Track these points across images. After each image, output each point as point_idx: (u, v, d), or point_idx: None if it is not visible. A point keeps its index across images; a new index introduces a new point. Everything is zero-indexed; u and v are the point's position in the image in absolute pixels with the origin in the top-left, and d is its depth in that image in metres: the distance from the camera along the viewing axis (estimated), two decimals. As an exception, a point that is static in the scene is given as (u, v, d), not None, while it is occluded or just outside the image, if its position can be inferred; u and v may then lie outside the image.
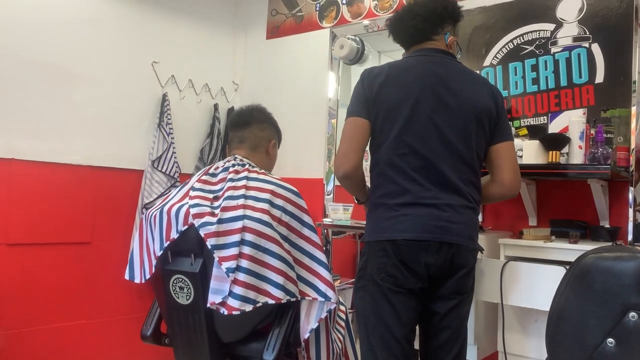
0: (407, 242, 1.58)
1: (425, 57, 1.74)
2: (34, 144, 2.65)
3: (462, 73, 1.75)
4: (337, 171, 1.70)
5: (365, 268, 1.67)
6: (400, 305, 1.61)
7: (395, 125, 1.64)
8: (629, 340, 0.93)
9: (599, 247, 1.06)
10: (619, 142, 2.18)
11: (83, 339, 2.82)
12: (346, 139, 1.69)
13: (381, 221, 1.64)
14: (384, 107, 1.66)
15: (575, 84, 2.35)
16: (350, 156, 1.65)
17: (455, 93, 1.67)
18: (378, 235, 1.63)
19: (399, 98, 1.65)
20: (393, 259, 1.59)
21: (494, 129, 1.72)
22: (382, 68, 1.74)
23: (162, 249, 1.78)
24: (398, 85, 1.67)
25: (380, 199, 1.66)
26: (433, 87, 1.66)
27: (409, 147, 1.62)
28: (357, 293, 1.70)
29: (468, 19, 2.68)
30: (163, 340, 1.99)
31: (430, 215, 1.59)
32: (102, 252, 2.90)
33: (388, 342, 1.61)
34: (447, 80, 1.68)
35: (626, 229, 2.17)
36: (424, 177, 1.61)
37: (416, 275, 1.59)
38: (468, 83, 1.72)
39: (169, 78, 3.21)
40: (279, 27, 3.51)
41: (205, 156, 3.38)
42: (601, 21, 2.31)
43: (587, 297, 0.99)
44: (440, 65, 1.71)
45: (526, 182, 2.31)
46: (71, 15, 2.79)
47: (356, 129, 1.68)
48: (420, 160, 1.62)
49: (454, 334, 1.66)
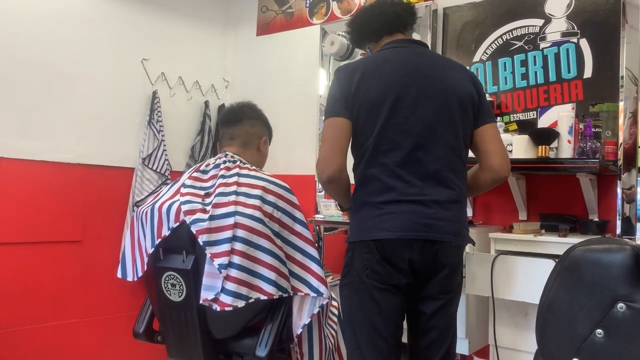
0: (390, 240, 1.56)
1: (400, 49, 1.71)
2: (24, 142, 2.63)
3: (440, 61, 1.75)
4: (320, 175, 1.64)
5: (350, 265, 1.65)
6: (386, 302, 1.59)
7: (377, 121, 1.59)
8: (617, 331, 0.94)
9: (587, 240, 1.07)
10: (607, 137, 2.20)
11: (75, 338, 2.81)
12: (327, 141, 1.63)
13: (366, 220, 1.61)
14: (365, 104, 1.61)
15: (564, 79, 2.37)
16: (332, 159, 1.60)
17: (436, 82, 1.63)
18: (362, 235, 1.60)
19: (379, 93, 1.60)
20: (377, 256, 1.57)
21: (477, 113, 1.69)
22: (358, 63, 1.70)
23: (153, 246, 1.77)
24: (377, 79, 1.62)
25: (365, 197, 1.62)
26: (413, 78, 1.62)
27: (393, 143, 1.58)
28: (343, 290, 1.68)
29: (458, 15, 2.69)
30: (155, 337, 1.99)
31: (415, 212, 1.56)
32: (93, 250, 2.88)
33: (375, 339, 1.59)
34: (427, 69, 1.65)
35: (615, 222, 2.19)
36: (409, 172, 1.57)
37: (400, 271, 1.57)
38: (447, 70, 1.69)
39: (159, 75, 3.20)
40: (269, 24, 3.51)
41: (196, 153, 3.37)
42: (589, 17, 2.32)
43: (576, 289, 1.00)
44: (418, 55, 1.69)
45: (516, 176, 2.32)
46: (61, 14, 2.77)
47: (337, 130, 1.62)
48: (404, 155, 1.58)
49: (442, 333, 1.65)
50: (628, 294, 0.94)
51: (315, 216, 2.92)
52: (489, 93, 2.54)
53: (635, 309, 0.93)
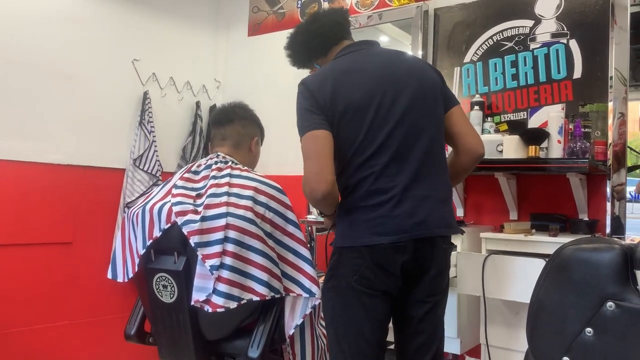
0: (384, 245, 1.53)
1: (356, 53, 1.68)
2: (14, 143, 2.61)
3: (397, 55, 1.72)
4: (313, 194, 1.53)
5: (336, 268, 1.60)
6: (374, 309, 1.56)
7: (362, 126, 1.56)
8: (606, 329, 0.95)
9: (577, 239, 1.08)
10: (597, 137, 2.22)
11: (66, 340, 2.79)
12: (313, 157, 1.53)
13: (355, 225, 1.56)
14: (346, 110, 1.56)
15: (554, 79, 2.38)
16: (324, 175, 1.51)
17: (406, 77, 1.62)
18: (353, 241, 1.56)
19: (358, 98, 1.57)
20: (368, 262, 1.53)
21: (444, 97, 1.69)
22: (323, 74, 1.64)
23: (144, 247, 1.77)
24: (351, 85, 1.58)
25: (354, 201, 1.57)
26: (383, 79, 1.60)
27: (379, 145, 1.55)
28: (327, 293, 1.63)
29: (449, 16, 2.70)
30: (147, 339, 1.98)
31: (406, 213, 1.53)
32: (84, 252, 2.87)
33: (360, 345, 1.57)
34: (392, 68, 1.64)
35: (604, 221, 2.20)
36: (397, 172, 1.55)
37: (391, 276, 1.55)
38: (407, 62, 1.69)
39: (150, 76, 3.19)
40: (261, 24, 3.50)
41: (188, 154, 3.36)
42: (579, 17, 2.34)
43: (566, 288, 1.01)
44: (376, 56, 1.67)
45: (506, 176, 2.34)
46: (51, 15, 2.76)
47: (321, 143, 1.54)
48: (391, 156, 1.55)
49: (430, 337, 1.64)
50: (617, 293, 0.95)
51: (307, 217, 2.92)
52: (480, 94, 2.55)
53: (625, 307, 0.94)
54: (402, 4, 2.86)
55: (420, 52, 2.73)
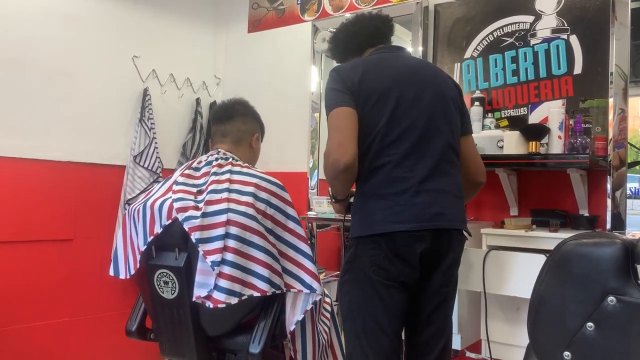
0: (403, 233, 1.54)
1: (390, 54, 1.77)
2: (14, 140, 2.61)
3: (428, 65, 1.83)
4: (335, 164, 1.53)
5: (353, 260, 1.62)
6: (392, 299, 1.58)
7: (384, 113, 1.60)
8: (607, 324, 0.95)
9: (578, 234, 1.08)
10: (597, 132, 2.22)
11: (67, 337, 2.80)
12: (338, 129, 1.57)
13: (373, 213, 1.58)
14: (371, 95, 1.61)
15: (554, 75, 2.38)
16: (348, 145, 1.53)
17: (431, 79, 1.70)
18: (370, 229, 1.57)
19: (385, 86, 1.63)
20: (385, 251, 1.55)
21: (462, 118, 1.77)
22: (355, 64, 1.71)
23: (146, 243, 1.77)
24: (379, 75, 1.65)
25: (372, 189, 1.60)
26: (410, 76, 1.67)
27: (399, 134, 1.59)
28: (344, 286, 1.65)
29: (449, 12, 2.70)
30: (148, 335, 1.98)
31: (425, 203, 1.57)
32: (85, 249, 2.87)
33: (378, 337, 1.58)
34: (419, 68, 1.72)
35: (604, 217, 2.21)
36: (415, 164, 1.59)
37: (410, 266, 1.57)
38: (436, 73, 1.76)
39: (150, 72, 3.18)
40: (261, 21, 3.50)
41: (188, 151, 3.36)
42: (579, 13, 2.34)
43: (567, 282, 1.01)
44: (406, 59, 1.77)
45: (507, 172, 2.34)
46: (51, 11, 2.75)
47: (346, 118, 1.58)
48: (410, 147, 1.59)
49: (440, 329, 1.67)
50: (618, 287, 0.95)
51: (307, 213, 2.92)
52: (480, 89, 2.55)
53: (625, 302, 0.94)
54: (402, 0, 2.86)
55: (421, 48, 2.73)
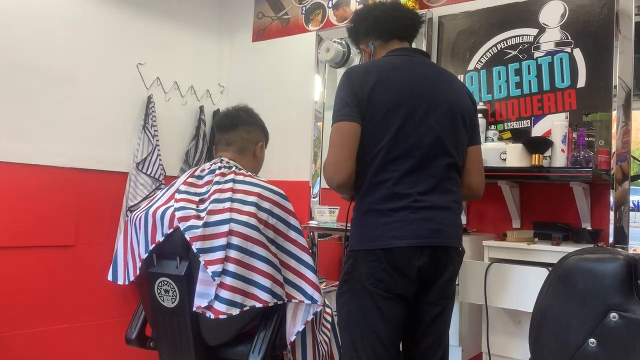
0: (401, 249, 1.55)
1: (408, 58, 1.72)
2: (17, 145, 2.61)
3: (444, 74, 1.77)
4: (329, 180, 1.60)
5: (351, 272, 1.61)
6: (390, 311, 1.58)
7: (390, 128, 1.58)
8: (610, 340, 0.95)
9: (581, 249, 1.08)
10: (600, 146, 2.21)
11: (67, 343, 2.79)
12: (337, 147, 1.58)
13: (374, 228, 1.58)
14: (379, 108, 1.59)
15: (557, 88, 2.38)
16: (342, 165, 1.57)
17: (443, 95, 1.67)
18: (369, 244, 1.57)
19: (394, 100, 1.60)
20: (384, 264, 1.55)
21: (471, 130, 1.76)
22: (369, 67, 1.66)
23: (147, 251, 1.77)
24: (391, 86, 1.62)
25: (371, 204, 1.60)
26: (424, 90, 1.64)
27: (404, 151, 1.58)
28: (342, 297, 1.64)
29: (453, 24, 2.71)
30: (148, 343, 1.98)
31: (425, 219, 1.57)
32: (86, 255, 2.86)
33: (376, 348, 1.58)
34: (435, 81, 1.68)
35: (607, 231, 2.20)
36: (416, 181, 1.58)
37: (407, 279, 1.57)
38: (451, 84, 1.73)
39: (154, 80, 3.19)
40: (265, 30, 3.51)
41: (191, 158, 3.36)
42: (583, 27, 2.34)
43: (570, 298, 1.00)
44: (425, 67, 1.72)
45: (510, 185, 2.33)
46: (56, 18, 2.77)
47: (348, 135, 1.58)
48: (414, 163, 1.59)
49: (437, 340, 1.67)
50: (621, 304, 0.95)
51: (309, 222, 2.92)
52: (483, 101, 2.55)
53: (628, 318, 0.94)
54: (406, 11, 2.86)
55: (424, 59, 2.74)
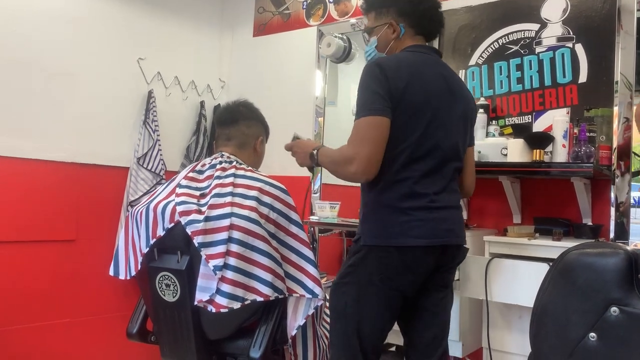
0: (418, 248, 1.56)
1: (431, 57, 1.71)
2: (18, 141, 2.62)
3: (455, 75, 1.77)
4: (355, 177, 1.57)
5: (357, 265, 1.59)
6: (390, 307, 1.59)
7: (417, 128, 1.57)
8: (610, 335, 0.95)
9: (581, 244, 1.08)
10: (602, 141, 2.21)
11: (68, 338, 2.80)
12: (372, 142, 1.53)
13: (389, 225, 1.57)
14: (408, 107, 1.56)
15: (559, 83, 2.38)
16: (375, 162, 1.54)
17: (457, 97, 1.68)
18: (387, 241, 1.56)
19: (422, 101, 1.59)
20: (396, 263, 1.55)
21: (470, 131, 1.80)
22: (400, 63, 1.62)
23: (148, 246, 1.77)
24: (421, 87, 1.60)
25: (390, 200, 1.58)
26: (444, 92, 1.64)
27: (426, 152, 1.59)
28: (342, 287, 1.62)
29: (454, 19, 2.70)
30: (149, 337, 1.98)
31: (441, 219, 1.60)
32: (87, 250, 2.87)
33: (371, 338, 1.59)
34: (451, 83, 1.68)
35: (608, 226, 2.20)
36: (433, 180, 1.60)
37: (417, 275, 1.59)
38: (461, 86, 1.75)
39: (154, 75, 3.19)
40: (266, 25, 3.51)
41: (192, 153, 3.36)
42: (585, 22, 2.34)
43: (570, 292, 1.01)
44: (443, 68, 1.72)
45: (511, 180, 2.33)
46: (57, 13, 2.76)
47: (383, 132, 1.54)
48: (434, 164, 1.60)
49: (442, 331, 1.70)
50: (621, 298, 0.95)
51: (310, 217, 2.92)
52: (485, 97, 2.55)
53: (628, 312, 0.94)
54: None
55: (426, 54, 2.73)
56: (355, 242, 1.64)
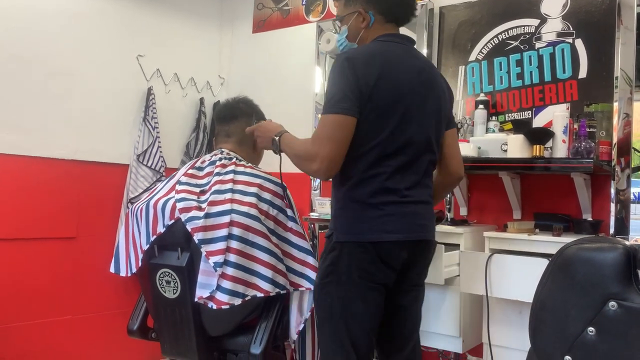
0: (391, 243, 1.56)
1: (404, 47, 1.67)
2: (18, 138, 2.62)
3: (428, 65, 1.72)
4: (317, 174, 1.57)
5: (336, 263, 1.57)
6: (374, 301, 1.59)
7: (387, 125, 1.56)
8: (608, 329, 0.95)
9: (580, 239, 1.08)
10: (602, 137, 2.21)
11: (69, 335, 2.80)
12: (335, 142, 1.51)
13: (362, 221, 1.56)
14: (378, 105, 1.54)
15: (559, 79, 2.38)
16: (337, 162, 1.53)
17: (430, 88, 1.65)
18: (360, 236, 1.56)
19: (394, 96, 1.56)
20: (373, 256, 1.55)
21: (447, 116, 1.74)
22: (372, 56, 1.58)
23: (148, 243, 1.77)
24: (393, 82, 1.57)
25: (361, 196, 1.57)
26: (417, 85, 1.61)
27: (398, 148, 1.57)
28: (325, 288, 1.59)
29: (454, 14, 2.70)
30: (149, 334, 1.99)
31: (413, 214, 1.60)
32: (88, 247, 2.87)
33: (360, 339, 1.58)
34: (423, 74, 1.65)
35: (608, 222, 2.20)
36: (407, 175, 1.59)
37: (392, 270, 1.59)
38: (434, 76, 1.70)
39: (154, 72, 3.19)
40: (265, 21, 3.50)
41: (191, 150, 3.37)
42: (585, 17, 2.33)
43: (569, 287, 1.01)
44: (416, 58, 1.68)
45: (511, 176, 2.33)
46: (56, 10, 2.76)
47: (347, 132, 1.52)
48: (406, 160, 1.58)
49: (415, 324, 1.73)
50: (620, 292, 0.95)
51: (310, 214, 2.92)
52: (485, 93, 2.55)
53: (627, 307, 0.94)
54: (407, 2, 2.85)
55: (425, 50, 2.73)
56: (328, 238, 1.63)
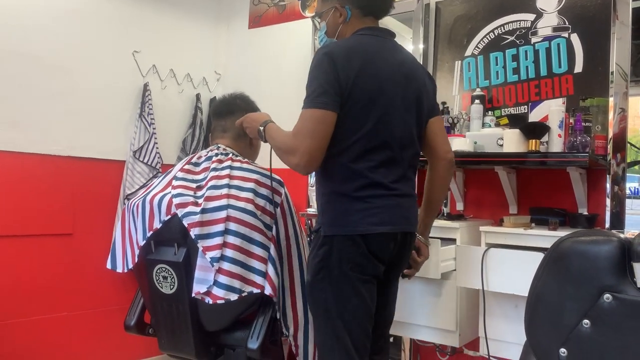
0: (380, 235, 1.57)
1: (385, 41, 1.67)
2: (13, 134, 2.61)
3: (409, 58, 1.73)
4: (297, 168, 1.55)
5: (327, 258, 1.57)
6: (368, 293, 1.60)
7: (370, 118, 1.56)
8: (603, 321, 0.96)
9: (575, 232, 1.08)
10: (597, 131, 2.22)
11: (65, 331, 2.80)
12: (315, 137, 1.51)
13: (349, 214, 1.57)
14: (360, 99, 1.55)
15: (555, 73, 2.38)
16: (317, 157, 1.52)
17: (413, 84, 1.65)
18: (348, 229, 1.56)
19: (375, 90, 1.57)
20: (363, 249, 1.56)
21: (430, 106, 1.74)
22: (352, 50, 1.58)
23: (145, 238, 1.77)
24: (374, 75, 1.58)
25: (347, 190, 1.57)
26: (399, 80, 1.62)
27: (382, 142, 1.58)
28: (318, 285, 1.59)
29: (450, 9, 2.70)
30: (147, 330, 1.99)
31: (398, 206, 1.61)
32: (84, 243, 2.87)
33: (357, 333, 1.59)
34: (403, 68, 1.65)
35: (604, 216, 2.21)
36: (391, 169, 1.61)
37: (381, 262, 1.61)
38: (417, 74, 1.70)
39: (150, 68, 3.18)
40: (262, 17, 3.49)
41: (188, 146, 3.36)
42: (580, 12, 2.33)
43: (564, 280, 1.01)
44: (396, 52, 1.68)
45: (507, 170, 2.34)
46: (51, 5, 2.75)
47: (327, 126, 1.52)
48: (389, 154, 1.59)
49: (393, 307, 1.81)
50: (614, 285, 0.95)
51: (307, 209, 2.92)
52: (481, 87, 2.55)
53: (621, 299, 0.94)
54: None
55: (422, 45, 2.73)
56: (315, 232, 1.63)
